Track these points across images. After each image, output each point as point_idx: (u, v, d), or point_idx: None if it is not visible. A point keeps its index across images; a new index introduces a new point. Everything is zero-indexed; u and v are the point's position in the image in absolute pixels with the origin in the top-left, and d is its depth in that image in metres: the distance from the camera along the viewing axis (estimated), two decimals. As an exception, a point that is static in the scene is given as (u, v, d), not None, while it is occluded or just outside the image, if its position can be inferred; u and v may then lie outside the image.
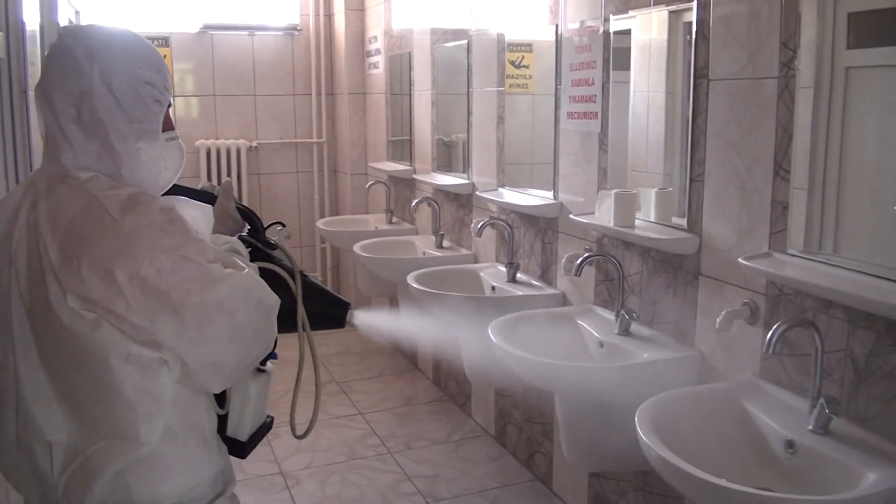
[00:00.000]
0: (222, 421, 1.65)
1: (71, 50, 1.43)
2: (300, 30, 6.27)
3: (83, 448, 1.41)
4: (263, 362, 1.73)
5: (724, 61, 2.42)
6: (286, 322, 1.66)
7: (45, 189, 1.43)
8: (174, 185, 1.61)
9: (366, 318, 2.11)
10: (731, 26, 2.38)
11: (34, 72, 3.25)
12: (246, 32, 6.14)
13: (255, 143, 6.24)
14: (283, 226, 1.91)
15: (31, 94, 3.04)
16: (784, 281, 2.20)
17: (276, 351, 1.69)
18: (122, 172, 1.46)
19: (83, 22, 5.32)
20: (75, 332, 1.35)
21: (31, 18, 3.20)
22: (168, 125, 1.55)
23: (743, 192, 2.38)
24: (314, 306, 1.75)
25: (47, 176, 1.45)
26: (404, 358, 5.56)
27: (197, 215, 1.50)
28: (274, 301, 1.54)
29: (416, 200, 4.73)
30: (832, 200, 2.15)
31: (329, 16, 6.34)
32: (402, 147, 5.38)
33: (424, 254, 4.57)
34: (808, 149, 2.16)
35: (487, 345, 2.84)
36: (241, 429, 1.69)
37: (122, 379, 1.36)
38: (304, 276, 1.73)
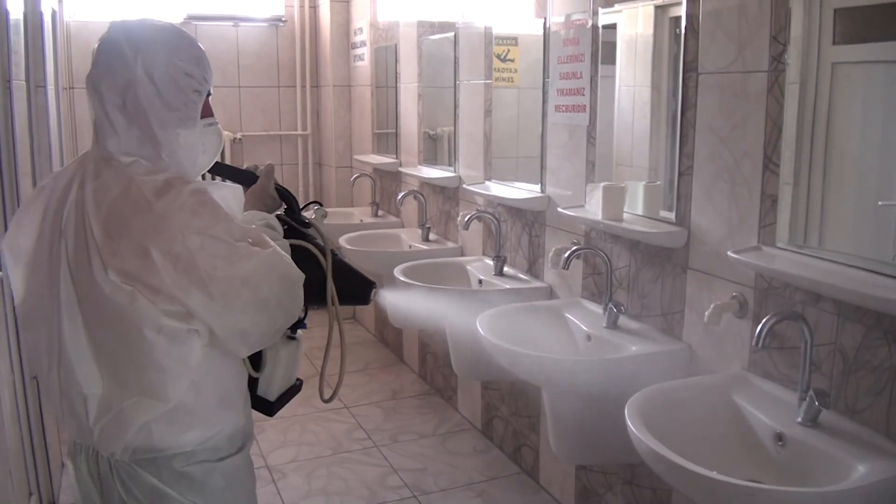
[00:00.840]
0: (254, 381, 1.80)
1: (118, 44, 1.57)
2: (285, 21, 6.24)
3: (116, 402, 1.57)
4: (294, 330, 1.87)
5: (713, 55, 2.42)
6: (316, 296, 1.80)
7: (93, 171, 1.59)
8: (223, 164, 1.79)
9: (389, 298, 2.26)
10: (721, 20, 2.38)
11: (17, 61, 3.22)
12: (230, 23, 6.09)
13: (239, 136, 6.20)
14: (321, 205, 2.01)
15: (15, 83, 3.02)
16: (773, 274, 2.21)
17: (305, 321, 1.83)
18: (163, 156, 1.61)
19: (66, 11, 5.28)
20: (115, 302, 1.50)
21: (15, 7, 3.17)
22: (207, 112, 1.68)
23: (732, 185, 2.38)
24: (342, 283, 1.86)
25: (94, 159, 1.61)
26: (390, 351, 5.55)
27: (227, 195, 1.63)
28: (298, 276, 1.67)
29: (402, 193, 4.71)
30: (820, 194, 2.16)
31: (314, 7, 6.31)
32: (388, 140, 5.36)
33: (411, 247, 4.56)
34: (796, 143, 2.16)
35: (475, 338, 2.83)
36: (270, 389, 1.84)
37: (154, 347, 1.52)
38: (334, 255, 1.85)
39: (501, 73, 3.82)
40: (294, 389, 1.94)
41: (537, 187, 3.48)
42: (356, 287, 1.92)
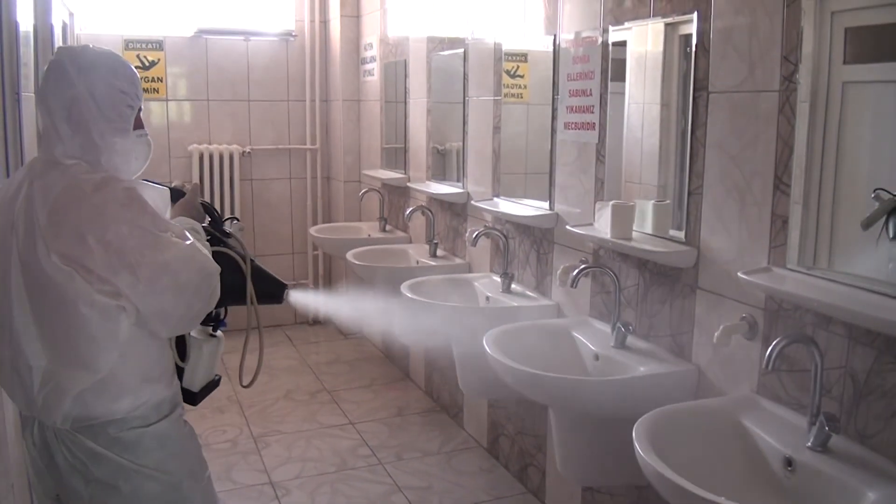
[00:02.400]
0: (181, 374, 2.08)
1: (64, 65, 1.86)
2: (295, 35, 6.25)
3: (56, 373, 1.82)
4: (215, 329, 2.16)
5: (723, 74, 2.41)
6: (237, 296, 2.09)
7: (40, 171, 1.85)
8: (153, 181, 1.97)
9: (299, 297, 2.66)
10: (732, 39, 2.36)
11: (27, 73, 3.22)
12: (241, 37, 6.11)
13: (248, 149, 6.21)
14: (238, 220, 2.29)
15: (24, 95, 3.02)
16: (783, 296, 2.18)
17: (225, 320, 2.15)
18: (101, 161, 1.88)
19: (77, 24, 5.31)
20: (56, 282, 1.75)
21: (25, 19, 3.17)
22: (138, 124, 1.96)
23: (742, 205, 2.36)
24: (260, 285, 2.16)
25: (42, 162, 1.88)
26: (396, 367, 5.53)
27: (154, 195, 1.90)
28: (214, 268, 1.91)
29: (410, 209, 4.70)
30: (830, 215, 2.13)
31: (324, 22, 6.32)
32: (397, 155, 5.35)
33: (418, 263, 4.54)
34: (806, 163, 2.14)
35: (481, 356, 2.81)
36: (194, 381, 2.12)
37: (88, 321, 1.78)
38: (252, 261, 2.13)
39: (511, 89, 3.81)
40: (213, 384, 2.19)
41: (546, 204, 3.46)
42: (272, 288, 2.22)
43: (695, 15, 2.50)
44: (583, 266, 2.91)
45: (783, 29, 2.18)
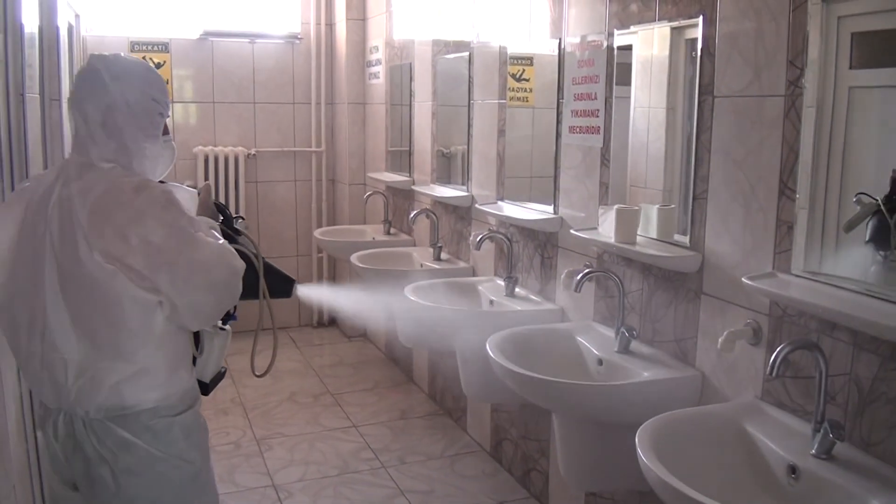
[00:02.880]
0: (193, 365, 2.14)
1: (99, 73, 1.95)
2: (301, 38, 6.26)
3: (91, 365, 1.91)
4: (225, 322, 2.22)
5: (729, 78, 2.40)
6: (249, 291, 2.18)
7: (76, 174, 1.93)
8: (167, 182, 2.05)
9: (306, 292, 2.70)
10: (737, 43, 2.35)
11: (32, 74, 3.22)
12: (246, 40, 6.11)
13: (253, 151, 6.21)
14: (243, 218, 2.41)
15: (29, 96, 3.02)
16: (788, 302, 2.17)
17: (235, 314, 2.21)
18: (133, 164, 1.99)
19: (83, 26, 5.32)
20: (98, 279, 1.85)
21: (30, 21, 3.18)
22: (165, 131, 2.09)
23: (747, 210, 2.35)
24: (270, 281, 2.28)
25: (76, 164, 1.96)
26: (400, 371, 5.52)
27: (186, 197, 2.04)
28: (241, 265, 2.03)
29: (415, 212, 4.69)
30: (836, 221, 2.12)
31: (330, 25, 6.33)
32: (402, 158, 5.35)
33: (422, 266, 4.53)
34: (812, 168, 2.13)
35: (484, 360, 2.80)
36: (205, 372, 2.18)
37: (129, 315, 1.89)
38: (262, 258, 2.27)
39: (516, 92, 3.80)
40: (220, 375, 2.28)
41: (550, 208, 3.45)
42: (281, 283, 2.37)
43: (700, 19, 2.49)
44: (587, 270, 2.90)
45: (789, 33, 2.17)
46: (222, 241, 2.01)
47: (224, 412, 4.72)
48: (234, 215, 2.35)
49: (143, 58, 5.75)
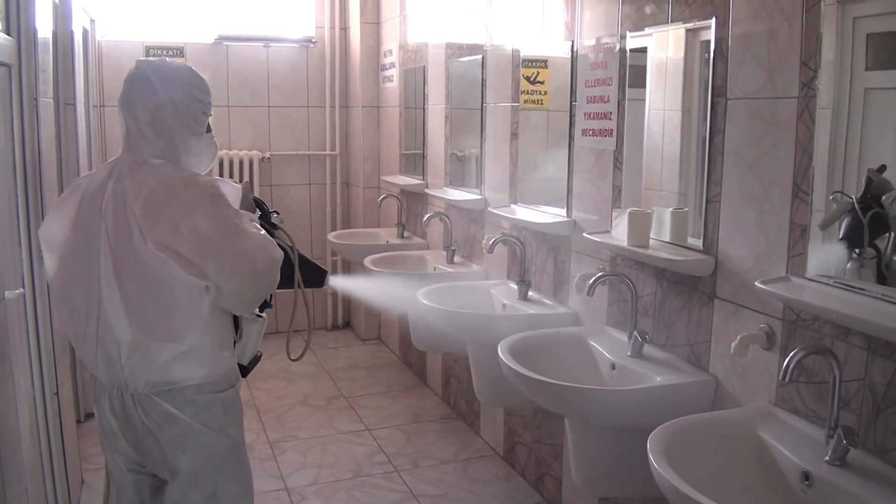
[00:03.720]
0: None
1: (148, 77, 2.13)
2: (315, 42, 6.27)
3: (143, 346, 2.08)
4: (262, 310, 2.39)
5: (742, 80, 2.38)
6: (285, 281, 2.36)
7: (128, 170, 2.10)
8: (213, 177, 2.22)
9: (338, 282, 3.06)
10: (751, 45, 2.33)
11: (46, 79, 3.24)
12: (261, 44, 6.13)
13: (268, 155, 6.23)
14: (278, 213, 2.56)
15: (42, 101, 3.03)
16: (801, 306, 2.15)
17: (271, 303, 2.37)
18: (181, 160, 2.17)
19: (98, 30, 5.35)
20: (151, 266, 2.02)
21: (44, 25, 3.19)
22: (208, 129, 2.27)
23: (760, 213, 2.33)
24: (305, 272, 2.46)
25: (128, 162, 2.13)
26: (413, 374, 5.51)
27: (231, 192, 2.17)
28: (280, 255, 2.20)
29: (428, 215, 4.69)
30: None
31: (344, 29, 6.33)
32: (415, 161, 5.35)
33: (435, 269, 4.53)
34: (827, 171, 2.11)
35: (497, 364, 2.79)
36: (244, 355, 2.37)
37: (179, 299, 2.06)
38: (297, 250, 2.45)
39: (531, 95, 3.79)
40: (257, 359, 2.46)
41: (563, 211, 3.43)
42: (315, 274, 2.55)
43: (713, 21, 2.47)
44: (599, 274, 2.88)
45: (802, 35, 2.15)
46: (263, 232, 2.21)
47: (238, 415, 4.72)
48: (271, 210, 2.52)
49: (158, 62, 5.79)
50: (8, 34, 2.68)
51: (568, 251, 3.42)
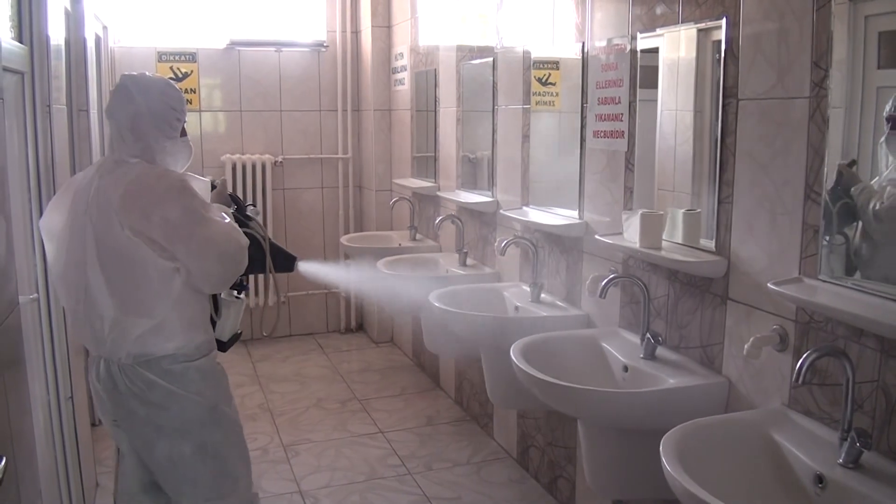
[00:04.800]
0: (214, 327, 2.64)
1: (128, 88, 2.46)
2: (327, 46, 6.28)
3: (121, 320, 2.38)
4: (239, 293, 2.74)
5: (753, 81, 2.36)
6: (259, 267, 2.71)
7: (110, 168, 2.44)
8: (186, 173, 2.52)
9: (307, 267, 3.22)
10: (761, 45, 2.32)
11: (59, 85, 3.26)
12: (273, 48, 6.15)
13: (280, 159, 6.24)
14: (254, 206, 2.87)
15: (55, 108, 3.05)
16: (814, 307, 2.13)
17: (248, 286, 2.72)
18: (157, 160, 2.48)
19: (110, 37, 5.38)
20: (128, 250, 2.32)
21: (57, 33, 3.21)
22: (183, 133, 2.57)
23: (773, 214, 2.32)
24: (276, 258, 2.80)
25: (111, 161, 2.47)
26: (426, 376, 5.51)
27: (199, 185, 2.48)
28: (245, 241, 2.51)
29: (440, 218, 4.69)
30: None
31: (356, 32, 6.35)
32: (427, 164, 5.35)
33: (448, 271, 4.53)
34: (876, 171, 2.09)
35: (510, 366, 2.79)
36: (224, 332, 2.70)
37: (151, 279, 2.36)
38: (269, 240, 2.78)
39: (542, 96, 3.78)
40: (236, 337, 2.76)
41: (575, 213, 3.43)
42: (285, 261, 2.86)
43: (723, 21, 2.46)
44: (611, 276, 2.87)
45: (813, 34, 2.14)
46: (229, 220, 2.52)
47: (252, 418, 4.74)
48: (247, 204, 2.83)
49: (171, 67, 5.84)
50: (21, 42, 2.70)
51: (580, 253, 3.41)
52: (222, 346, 2.70)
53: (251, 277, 2.79)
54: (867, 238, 2.09)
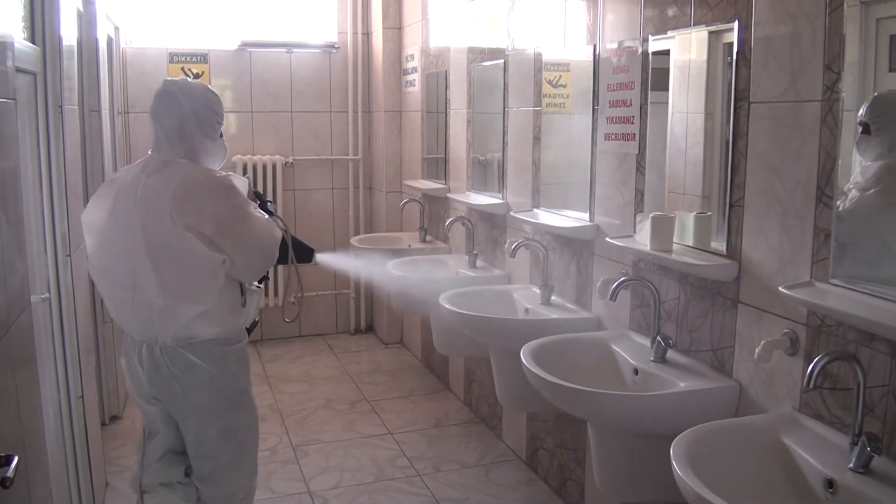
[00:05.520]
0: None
1: (174, 94, 2.66)
2: (338, 47, 6.29)
3: (170, 307, 2.59)
4: (260, 283, 2.97)
5: (765, 84, 2.36)
6: (281, 258, 2.92)
7: (158, 167, 2.62)
8: (227, 173, 2.73)
9: (324, 258, 3.59)
10: (773, 48, 2.31)
11: (71, 86, 3.27)
12: (284, 50, 6.16)
13: (290, 160, 6.26)
14: (273, 202, 3.28)
15: (67, 108, 3.06)
16: (825, 311, 2.12)
17: (268, 275, 2.98)
18: (199, 159, 2.69)
19: (122, 38, 5.40)
20: (180, 243, 2.53)
21: (69, 33, 3.22)
22: (221, 134, 2.79)
23: (784, 218, 2.31)
24: (297, 250, 3.08)
25: (157, 161, 2.65)
26: (435, 378, 5.51)
27: (241, 184, 2.71)
28: (280, 235, 2.80)
29: (450, 219, 4.69)
30: (875, 229, 2.07)
31: (367, 34, 6.35)
32: (437, 165, 5.35)
33: (458, 273, 4.53)
34: (850, 175, 2.09)
35: (519, 368, 2.79)
36: (247, 319, 2.90)
37: (202, 269, 2.58)
38: (290, 233, 3.04)
39: (553, 98, 3.78)
40: (255, 323, 3.01)
41: (586, 216, 3.42)
42: (305, 253, 3.14)
43: (735, 24, 2.45)
44: (622, 279, 2.87)
45: (825, 37, 2.13)
46: (267, 217, 2.76)
47: (262, 419, 4.69)
48: (266, 199, 3.01)
49: (182, 68, 5.86)
50: (33, 43, 2.72)
51: (590, 255, 3.41)
52: (246, 332, 2.93)
53: (271, 270, 2.98)
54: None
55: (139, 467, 2.91)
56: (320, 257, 3.37)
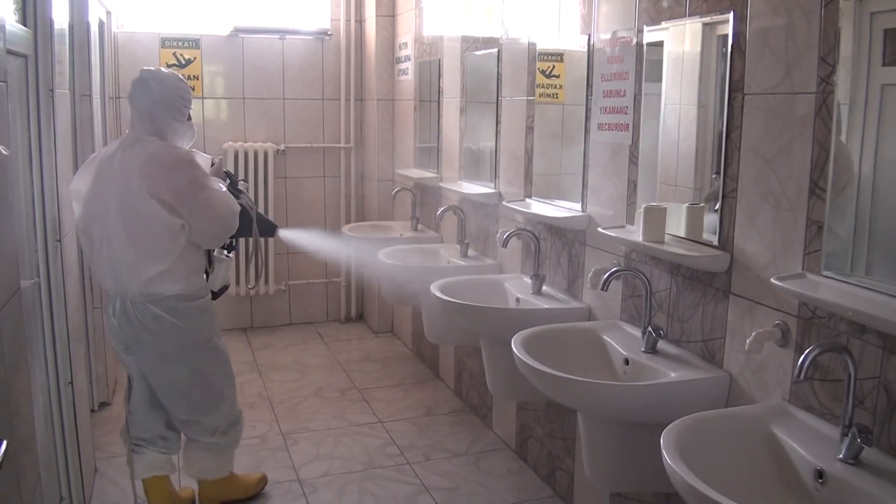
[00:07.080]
0: (208, 278, 3.31)
1: (147, 81, 3.09)
2: (331, 34, 6.26)
3: (137, 264, 3.01)
4: (228, 252, 3.40)
5: (759, 75, 2.36)
6: (246, 231, 3.31)
7: (131, 143, 3.05)
8: (196, 151, 3.19)
9: (286, 234, 4.09)
10: (768, 40, 2.31)
11: (62, 70, 3.25)
12: (276, 36, 6.13)
13: (282, 147, 6.23)
14: (245, 181, 3.55)
15: (58, 91, 3.05)
16: (817, 303, 2.13)
17: (236, 246, 3.46)
18: (167, 138, 3.10)
19: (114, 22, 5.37)
20: (146, 208, 2.93)
21: (61, 17, 3.20)
22: (189, 117, 3.20)
23: (777, 209, 2.31)
24: (261, 225, 3.39)
25: (131, 138, 3.08)
26: (426, 367, 5.52)
27: (202, 160, 3.15)
28: (236, 208, 3.17)
29: (442, 208, 4.69)
30: (867, 221, 2.08)
31: (360, 21, 6.33)
32: (430, 154, 5.34)
33: (449, 262, 4.53)
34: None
35: (510, 358, 2.79)
36: (215, 284, 3.33)
37: (164, 233, 2.98)
38: (255, 210, 3.39)
39: (546, 88, 3.77)
40: (224, 288, 3.41)
41: (578, 206, 3.42)
42: (268, 228, 3.47)
43: (731, 15, 2.45)
44: (614, 269, 2.87)
45: (821, 30, 2.13)
46: (225, 190, 3.14)
47: (251, 406, 4.74)
48: (238, 179, 3.35)
49: (174, 54, 5.83)
50: (25, 25, 2.69)
51: (582, 246, 3.41)
52: (214, 296, 3.32)
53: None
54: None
55: (126, 419, 3.33)
56: (283, 233, 3.83)
